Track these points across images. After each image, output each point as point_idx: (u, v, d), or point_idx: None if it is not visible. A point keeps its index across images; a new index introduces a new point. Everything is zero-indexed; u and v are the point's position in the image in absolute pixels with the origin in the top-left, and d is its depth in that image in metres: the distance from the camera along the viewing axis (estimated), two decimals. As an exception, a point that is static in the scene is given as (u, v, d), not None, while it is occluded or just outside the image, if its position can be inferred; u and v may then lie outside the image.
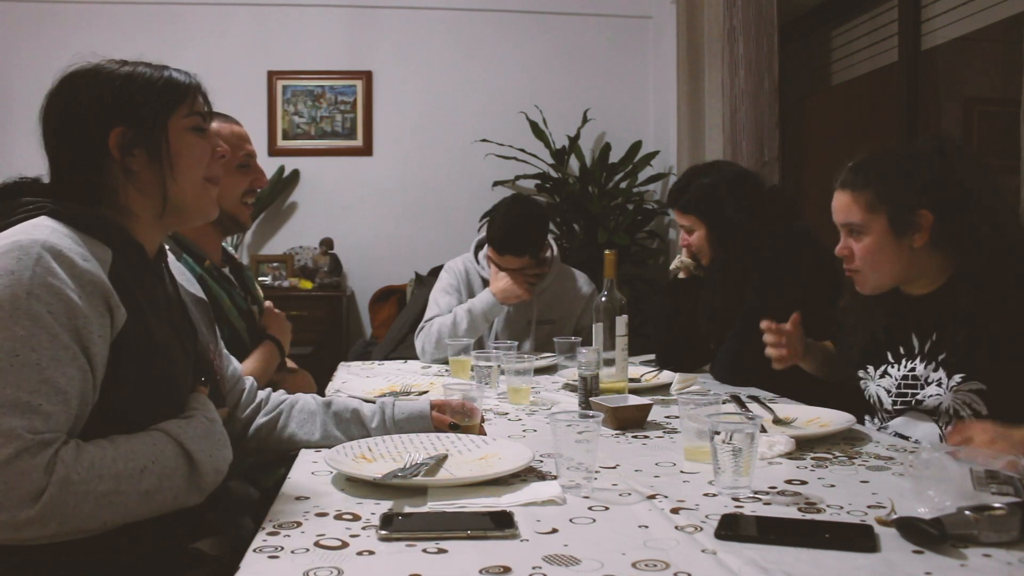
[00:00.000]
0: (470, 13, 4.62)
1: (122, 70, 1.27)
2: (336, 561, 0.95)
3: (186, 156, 1.29)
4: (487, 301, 2.65)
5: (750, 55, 3.46)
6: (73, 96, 1.25)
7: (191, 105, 1.30)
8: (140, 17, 4.44)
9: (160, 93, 1.28)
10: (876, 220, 1.65)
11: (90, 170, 1.24)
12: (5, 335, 1.04)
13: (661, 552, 0.97)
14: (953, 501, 1.04)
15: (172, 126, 1.27)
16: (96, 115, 1.23)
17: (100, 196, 1.24)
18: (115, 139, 1.23)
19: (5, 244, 1.09)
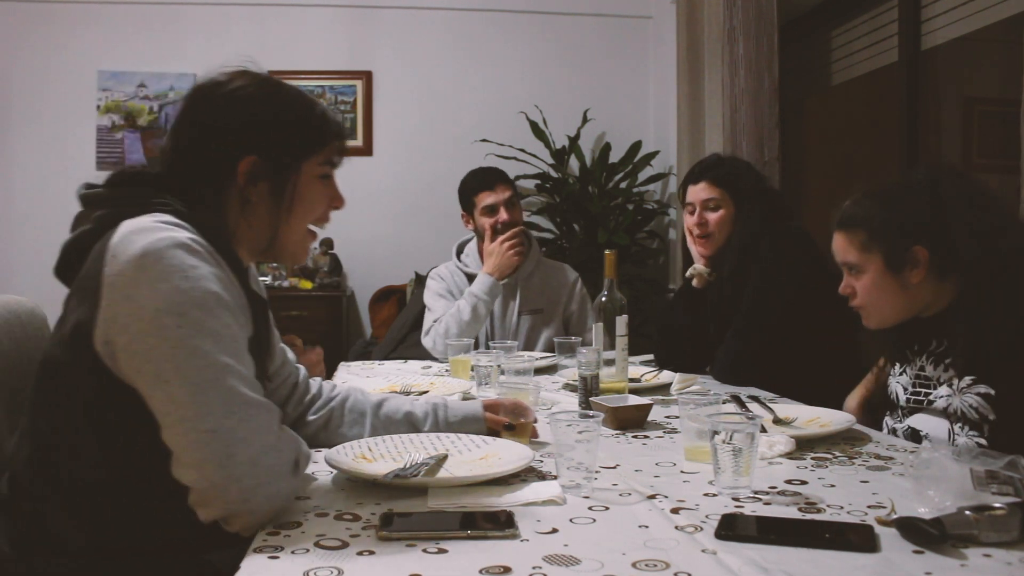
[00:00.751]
0: (470, 13, 4.62)
1: (276, 97, 1.27)
2: (336, 561, 0.95)
3: (306, 202, 1.27)
4: (485, 281, 2.70)
5: (750, 55, 3.46)
6: (220, 110, 1.24)
7: (329, 153, 1.29)
8: (140, 17, 4.44)
9: (306, 134, 1.27)
10: (872, 260, 1.66)
11: (212, 186, 1.23)
12: (221, 322, 1.07)
13: (661, 552, 0.97)
14: (953, 501, 1.04)
15: (304, 169, 1.26)
16: (236, 138, 1.22)
17: (212, 208, 1.23)
18: (246, 167, 1.22)
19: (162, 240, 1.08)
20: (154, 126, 4.49)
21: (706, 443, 1.28)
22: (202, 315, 1.05)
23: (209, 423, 1.02)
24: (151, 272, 1.05)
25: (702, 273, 2.40)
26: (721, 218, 2.33)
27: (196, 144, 1.24)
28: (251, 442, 1.03)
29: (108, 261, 1.08)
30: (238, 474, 1.02)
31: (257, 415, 1.06)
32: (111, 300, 1.06)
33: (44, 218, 4.44)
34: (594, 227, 4.19)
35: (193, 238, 1.10)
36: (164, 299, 1.04)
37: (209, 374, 1.03)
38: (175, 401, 1.03)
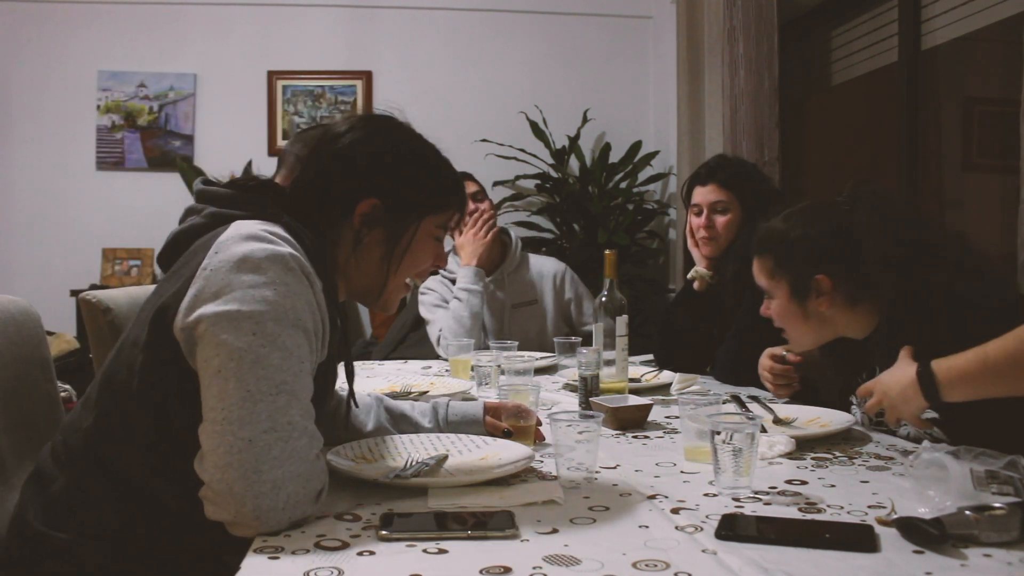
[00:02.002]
0: (470, 13, 4.62)
1: (415, 148, 1.30)
2: (336, 561, 0.95)
3: (415, 257, 1.30)
4: (467, 272, 2.76)
5: (750, 55, 3.46)
6: (357, 146, 1.26)
7: (450, 216, 1.32)
8: (140, 17, 4.44)
9: (434, 192, 1.29)
10: (779, 287, 1.66)
11: (329, 216, 1.25)
12: (294, 341, 1.07)
13: (661, 552, 0.97)
14: (953, 501, 1.04)
15: (423, 225, 1.28)
16: (365, 178, 1.25)
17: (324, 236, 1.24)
18: (365, 208, 1.24)
19: (267, 250, 1.10)
20: (154, 126, 4.48)
21: (706, 443, 1.28)
22: (279, 329, 1.06)
23: (248, 432, 1.02)
24: (245, 276, 1.07)
25: (704, 276, 2.39)
26: (729, 221, 2.33)
27: (326, 172, 1.26)
28: (282, 464, 1.03)
29: (210, 255, 1.10)
30: (258, 491, 1.02)
31: (298, 439, 1.05)
32: (200, 290, 1.08)
33: (44, 218, 4.45)
34: (594, 227, 4.19)
35: (295, 255, 1.11)
36: (249, 303, 1.06)
37: (265, 386, 1.04)
38: (225, 400, 1.04)
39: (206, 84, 4.49)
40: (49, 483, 1.18)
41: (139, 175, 4.47)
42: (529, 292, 2.88)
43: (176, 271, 1.17)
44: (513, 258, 2.89)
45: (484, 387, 2.04)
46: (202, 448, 1.05)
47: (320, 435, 1.11)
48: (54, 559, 1.13)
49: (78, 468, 1.17)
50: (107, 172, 4.48)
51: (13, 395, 1.54)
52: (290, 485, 1.03)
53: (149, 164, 4.47)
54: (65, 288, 4.12)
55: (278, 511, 1.03)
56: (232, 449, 1.02)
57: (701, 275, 2.40)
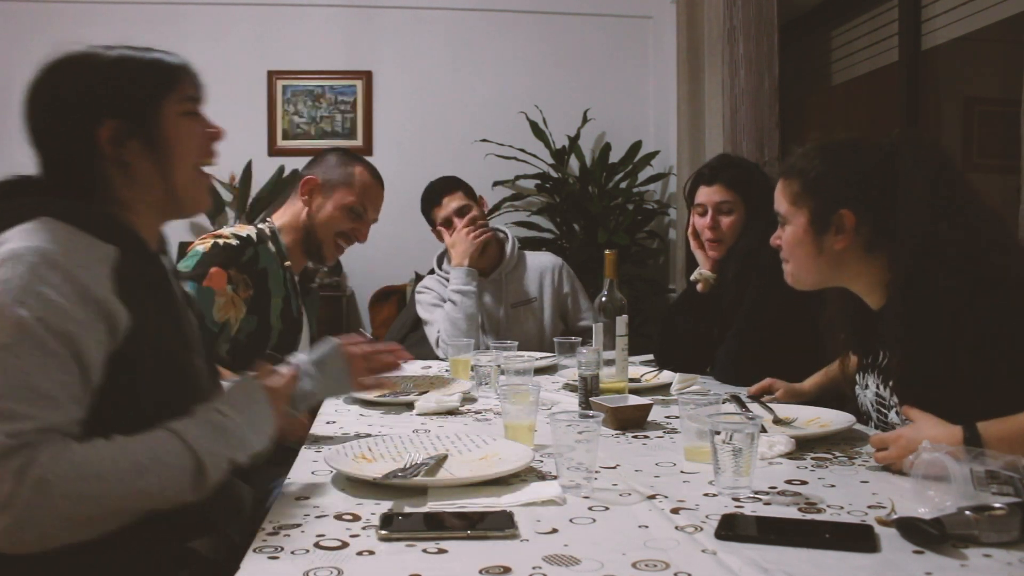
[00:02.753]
0: (470, 13, 4.61)
1: (108, 56, 1.22)
2: (336, 561, 0.95)
3: (184, 143, 1.26)
4: (458, 273, 2.75)
5: (750, 55, 3.46)
6: (58, 88, 1.21)
7: (183, 88, 1.27)
8: (140, 17, 4.44)
9: (151, 79, 1.24)
10: (798, 214, 1.57)
11: (81, 165, 1.21)
12: None
13: (661, 552, 0.97)
14: (953, 501, 1.04)
15: (165, 113, 1.24)
16: (84, 108, 1.20)
17: (94, 191, 1.21)
18: (106, 133, 1.19)
19: (2, 252, 1.08)
20: (154, 126, 4.48)
21: (706, 443, 1.28)
22: None
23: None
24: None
25: (708, 278, 2.37)
26: (734, 221, 2.32)
27: (49, 132, 1.22)
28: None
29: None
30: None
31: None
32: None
33: (44, 218, 4.44)
34: (594, 227, 4.19)
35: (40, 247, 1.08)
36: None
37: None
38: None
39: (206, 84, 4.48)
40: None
41: (139, 175, 4.46)
42: (527, 291, 2.88)
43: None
44: (511, 258, 2.89)
45: (484, 387, 2.05)
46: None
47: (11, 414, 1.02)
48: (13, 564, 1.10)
49: None
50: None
51: None
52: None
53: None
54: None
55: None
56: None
57: (705, 277, 2.38)
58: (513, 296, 2.86)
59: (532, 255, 3.00)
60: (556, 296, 2.89)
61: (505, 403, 1.52)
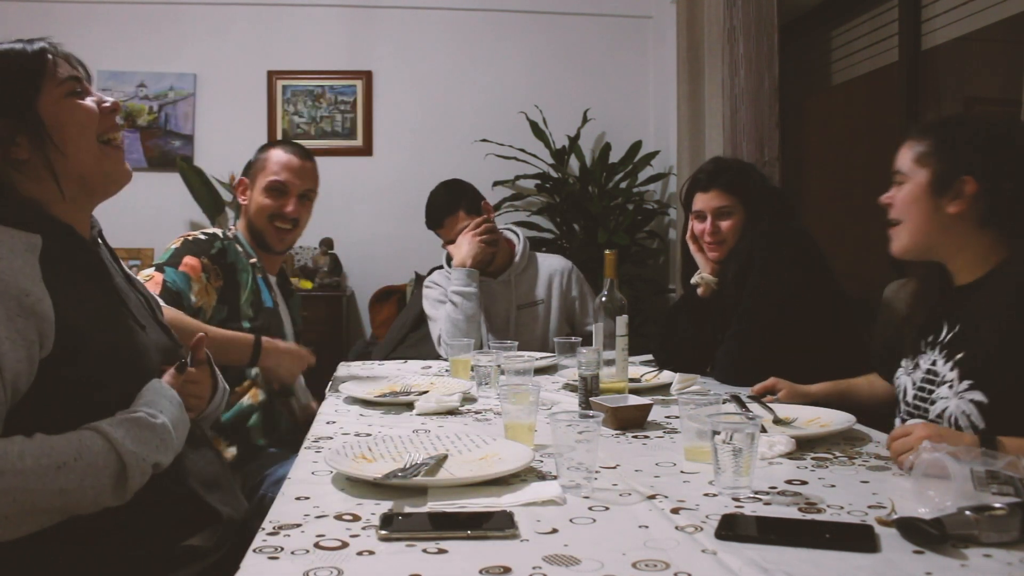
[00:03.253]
0: (470, 13, 4.62)
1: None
2: (336, 561, 0.95)
3: (73, 125, 1.23)
4: (459, 273, 2.73)
5: (750, 55, 3.46)
6: None
7: (55, 73, 1.23)
8: (140, 17, 4.44)
9: (17, 73, 1.20)
10: (920, 172, 1.58)
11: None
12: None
13: (661, 552, 0.97)
14: (954, 501, 1.04)
15: (44, 102, 1.21)
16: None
17: (10, 186, 1.18)
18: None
19: None
20: (154, 126, 4.48)
21: (706, 443, 1.28)
22: None
23: None
24: None
25: (709, 282, 2.37)
26: (734, 224, 2.31)
27: None
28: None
29: None
30: None
31: None
32: None
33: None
34: (594, 227, 4.19)
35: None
36: None
37: None
38: None
39: (206, 84, 4.49)
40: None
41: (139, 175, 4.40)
42: (535, 293, 2.87)
43: None
44: (522, 259, 2.88)
45: (484, 387, 2.05)
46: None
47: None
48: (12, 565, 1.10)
49: None
50: (107, 172, 4.47)
51: None
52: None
53: (149, 164, 4.47)
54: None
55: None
56: None
57: (707, 281, 2.37)
58: (521, 298, 2.85)
59: (543, 257, 2.98)
60: (563, 299, 2.88)
61: (505, 403, 1.52)
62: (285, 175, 2.23)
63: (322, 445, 1.52)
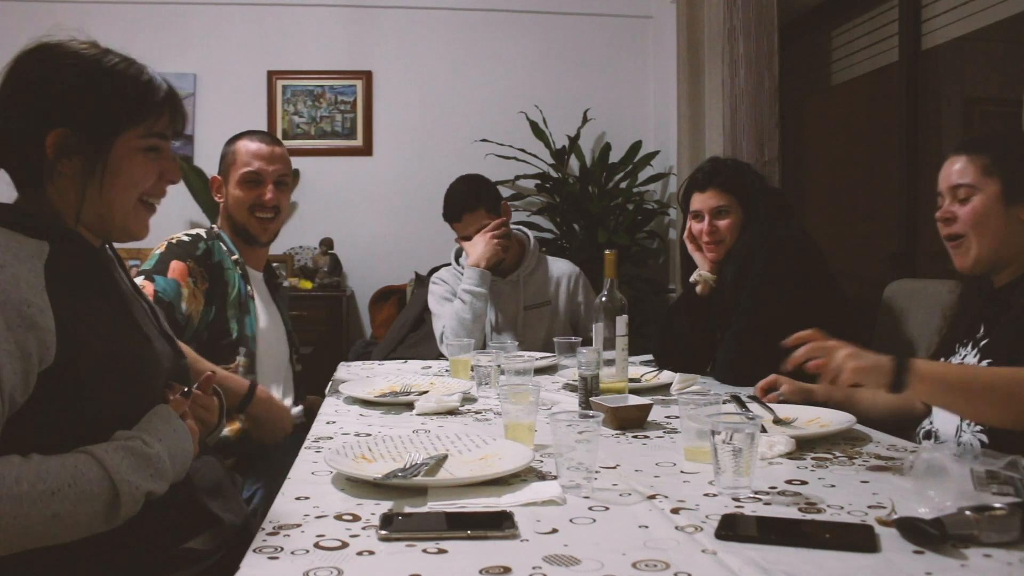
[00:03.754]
0: (470, 13, 4.62)
1: (93, 64, 1.18)
2: (336, 561, 0.95)
3: (125, 176, 1.20)
4: (473, 273, 2.73)
5: (750, 55, 3.46)
6: (25, 77, 1.17)
7: (153, 124, 1.22)
8: (140, 17, 4.44)
9: (122, 105, 1.19)
10: (989, 183, 1.60)
11: (20, 159, 1.17)
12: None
13: (661, 552, 0.97)
14: (954, 501, 1.04)
15: (121, 144, 1.19)
16: (48, 106, 1.15)
17: (26, 188, 1.18)
18: (54, 138, 1.15)
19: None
20: (154, 126, 4.48)
21: (706, 443, 1.28)
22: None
23: None
24: None
25: (707, 279, 2.38)
26: (732, 223, 2.32)
27: (7, 118, 1.17)
28: None
29: None
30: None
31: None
32: None
33: (44, 218, 4.44)
34: (594, 227, 4.19)
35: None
36: None
37: None
38: None
39: (206, 84, 4.49)
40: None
41: (139, 175, 4.46)
42: (543, 294, 2.88)
43: None
44: (531, 259, 2.89)
45: (484, 387, 2.05)
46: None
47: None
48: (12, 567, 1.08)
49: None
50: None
51: None
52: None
53: None
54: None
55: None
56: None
57: (705, 278, 2.38)
58: (529, 299, 2.86)
59: (552, 260, 2.99)
60: (569, 303, 2.89)
61: (505, 403, 1.52)
62: (257, 164, 2.22)
63: (322, 445, 1.52)
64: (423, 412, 1.81)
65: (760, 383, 1.90)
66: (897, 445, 1.50)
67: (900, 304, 2.42)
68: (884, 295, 2.51)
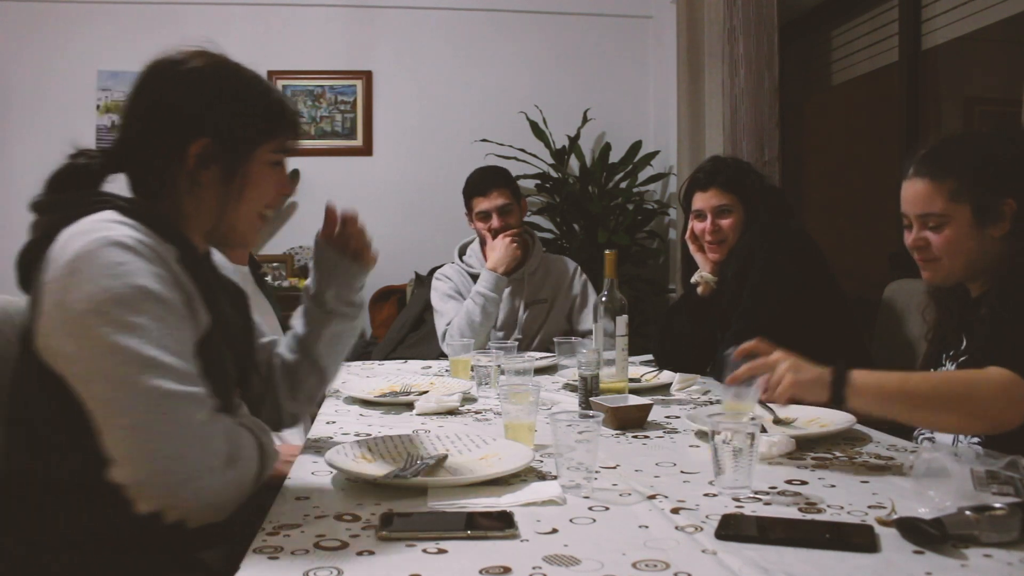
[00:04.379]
0: (470, 13, 4.61)
1: (234, 80, 1.24)
2: (336, 561, 0.95)
3: (257, 188, 1.27)
4: (490, 277, 2.73)
5: (750, 55, 3.46)
6: (174, 89, 1.21)
7: (284, 141, 1.29)
8: (140, 17, 4.44)
9: (262, 121, 1.25)
10: (959, 210, 1.56)
11: (161, 168, 1.22)
12: (148, 315, 1.05)
13: (661, 552, 0.97)
14: (954, 501, 1.04)
15: (257, 156, 1.25)
16: (190, 119, 1.21)
17: (160, 193, 1.22)
18: (197, 149, 1.20)
19: (95, 240, 1.07)
20: (154, 126, 4.48)
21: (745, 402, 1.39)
22: (123, 311, 1.04)
23: (128, 419, 1.01)
24: (80, 275, 1.05)
25: (709, 281, 2.38)
26: (734, 222, 2.32)
27: (148, 124, 1.22)
28: (173, 436, 1.02)
29: (45, 268, 1.09)
30: (161, 468, 1.01)
31: (180, 407, 1.04)
32: (46, 306, 1.07)
33: (44, 218, 4.44)
34: (594, 227, 4.19)
35: (130, 234, 1.09)
36: (88, 300, 1.04)
37: (127, 370, 1.02)
38: (97, 399, 1.03)
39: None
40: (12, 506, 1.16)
41: (139, 175, 4.46)
42: (543, 291, 2.89)
43: (32, 295, 1.14)
44: (535, 258, 2.90)
45: (484, 387, 2.05)
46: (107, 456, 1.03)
47: (206, 396, 1.08)
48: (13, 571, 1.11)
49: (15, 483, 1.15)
50: (107, 172, 4.47)
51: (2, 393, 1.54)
52: (189, 453, 1.03)
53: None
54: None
55: (189, 481, 1.02)
56: (122, 441, 1.01)
57: (706, 279, 2.38)
58: (530, 296, 2.87)
59: (552, 258, 3.00)
60: (565, 298, 2.90)
61: (505, 403, 1.52)
62: None
63: (322, 445, 1.52)
64: (423, 412, 1.81)
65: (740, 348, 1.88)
66: (897, 445, 1.50)
67: (900, 304, 2.42)
68: (884, 295, 2.51)
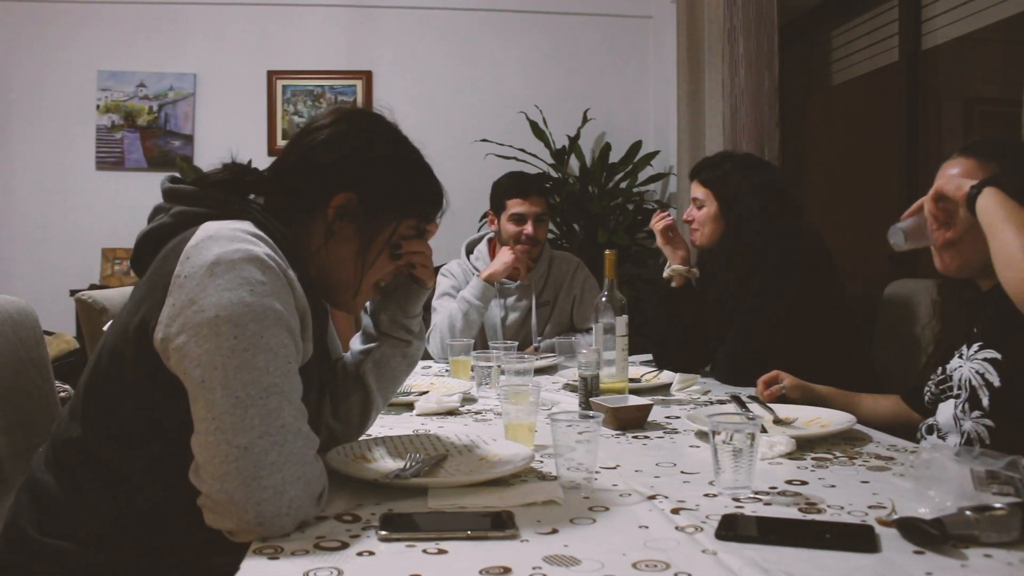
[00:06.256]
0: (470, 13, 4.62)
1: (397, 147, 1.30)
2: (336, 562, 0.95)
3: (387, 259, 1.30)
4: (477, 286, 2.72)
5: (750, 55, 3.46)
6: (338, 139, 1.26)
7: (425, 219, 1.33)
8: (140, 17, 4.44)
9: (412, 196, 1.30)
10: None
11: (301, 206, 1.25)
12: (278, 340, 1.06)
13: (661, 552, 0.97)
14: (954, 501, 1.04)
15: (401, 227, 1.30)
16: (343, 171, 1.24)
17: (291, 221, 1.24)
18: (340, 200, 1.23)
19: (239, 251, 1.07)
20: (153, 126, 4.48)
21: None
22: (260, 330, 1.04)
23: (243, 439, 1.01)
24: (220, 280, 1.04)
25: (681, 272, 2.45)
26: (705, 215, 2.38)
27: (305, 161, 1.26)
28: (281, 469, 1.02)
29: (181, 261, 1.08)
30: (260, 498, 1.01)
31: (294, 442, 1.04)
32: (176, 300, 1.06)
33: (43, 218, 4.45)
34: (594, 227, 4.19)
35: (269, 253, 1.09)
36: (226, 308, 1.03)
37: (254, 391, 1.02)
38: (215, 410, 1.02)
39: (206, 84, 4.49)
40: (41, 490, 1.17)
41: (139, 175, 4.47)
42: (549, 292, 2.90)
43: (151, 280, 1.13)
44: (543, 260, 2.90)
45: (484, 387, 2.05)
46: (196, 459, 1.03)
47: (315, 435, 1.10)
48: (47, 565, 1.12)
49: (68, 476, 1.16)
50: (107, 172, 4.48)
51: (11, 396, 1.54)
52: (291, 489, 1.03)
53: (149, 164, 4.47)
54: (65, 288, 4.12)
55: (282, 516, 1.02)
56: (228, 458, 1.00)
57: (678, 272, 2.46)
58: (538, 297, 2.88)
59: (558, 257, 2.99)
60: (567, 296, 2.91)
61: (505, 403, 1.52)
62: None
63: (322, 445, 1.52)
64: (423, 412, 1.81)
65: (763, 377, 1.90)
66: (897, 445, 1.50)
67: (900, 304, 2.42)
68: (884, 295, 2.51)
